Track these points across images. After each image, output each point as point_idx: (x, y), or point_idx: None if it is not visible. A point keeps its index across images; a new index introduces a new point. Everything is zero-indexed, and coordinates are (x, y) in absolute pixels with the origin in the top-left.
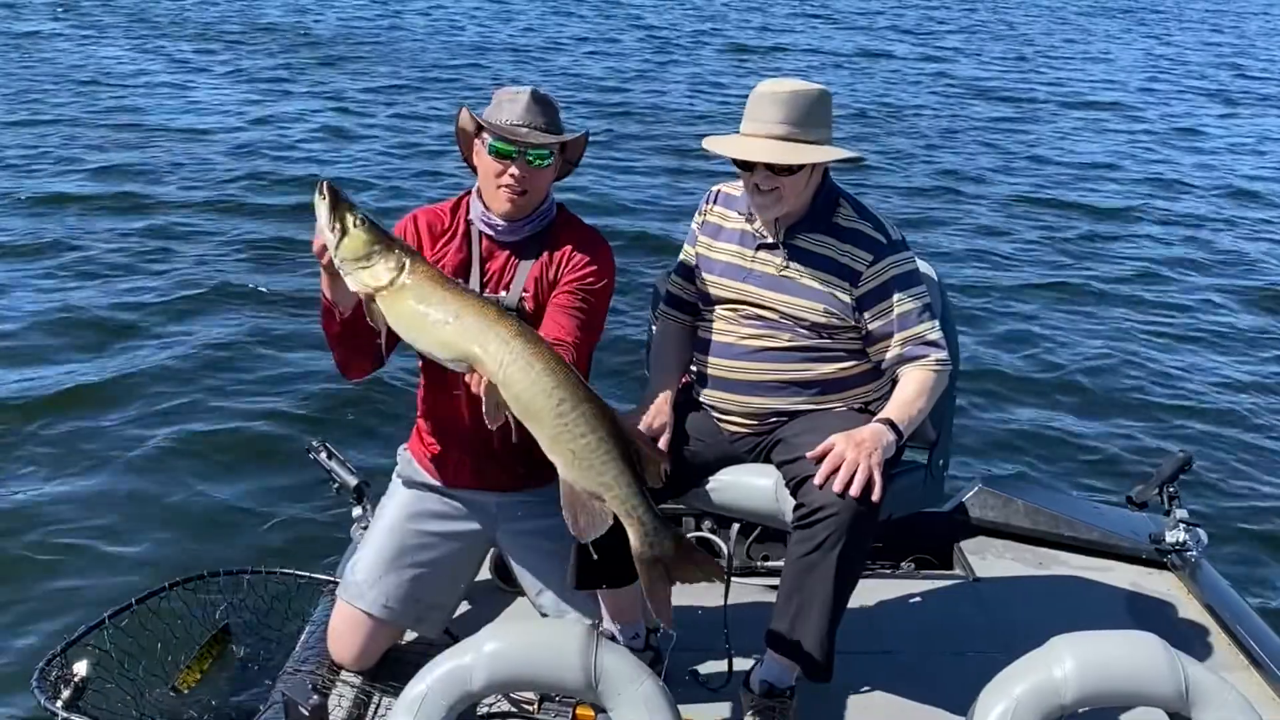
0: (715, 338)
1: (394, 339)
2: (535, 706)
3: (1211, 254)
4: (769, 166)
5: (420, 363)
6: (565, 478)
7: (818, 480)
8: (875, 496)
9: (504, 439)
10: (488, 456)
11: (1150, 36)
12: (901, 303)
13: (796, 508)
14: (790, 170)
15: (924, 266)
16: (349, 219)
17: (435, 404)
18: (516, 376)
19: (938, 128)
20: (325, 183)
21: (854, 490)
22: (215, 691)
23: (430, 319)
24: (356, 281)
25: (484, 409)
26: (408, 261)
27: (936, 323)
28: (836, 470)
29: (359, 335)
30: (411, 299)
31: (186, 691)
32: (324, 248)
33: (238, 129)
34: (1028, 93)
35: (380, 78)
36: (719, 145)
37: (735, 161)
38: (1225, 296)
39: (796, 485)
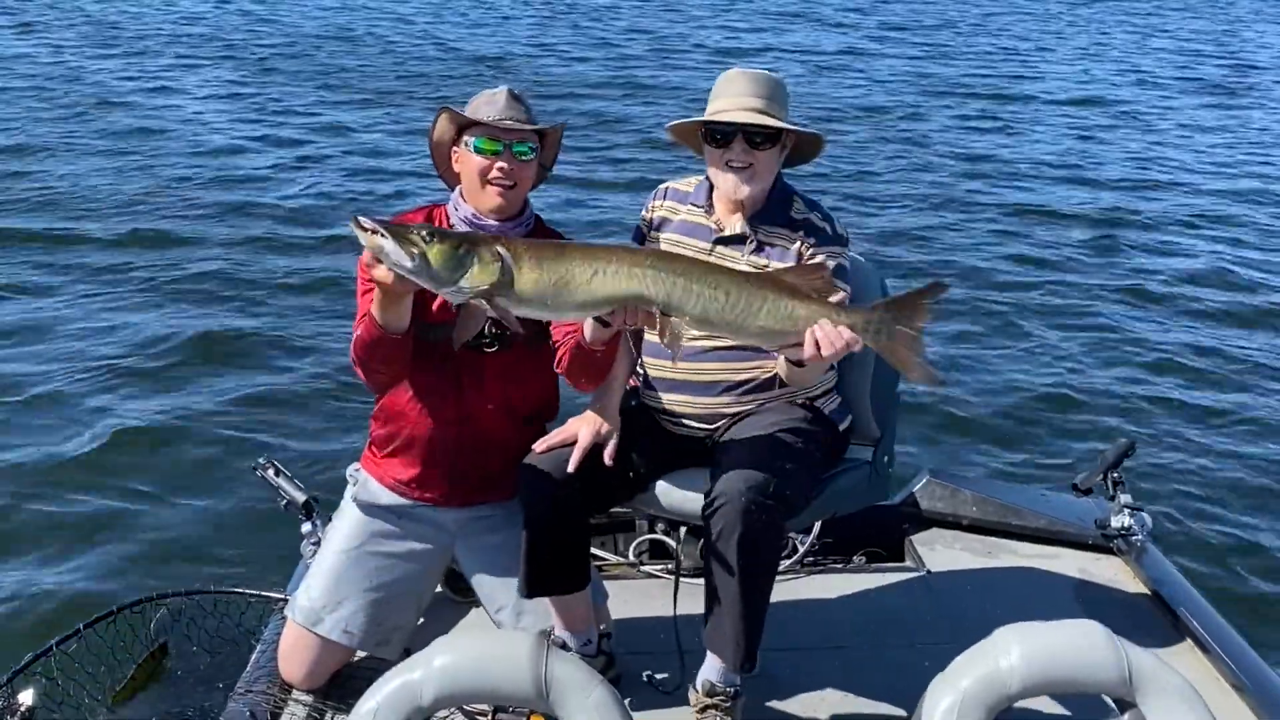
0: None
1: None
2: (489, 718)
3: (1147, 246)
4: (747, 139)
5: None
6: (776, 341)
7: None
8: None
9: (476, 447)
10: (461, 465)
11: (1126, 30)
12: None
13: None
14: (766, 144)
15: (866, 266)
16: (416, 238)
17: (404, 419)
18: (683, 299)
19: (897, 127)
20: (363, 218)
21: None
22: (163, 712)
23: (573, 282)
24: (468, 288)
25: (664, 340)
26: (498, 246)
27: None
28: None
29: (406, 352)
30: (535, 274)
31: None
32: (395, 278)
33: (185, 140)
34: (990, 89)
35: (328, 89)
36: (692, 121)
37: (707, 138)
38: (1168, 287)
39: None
